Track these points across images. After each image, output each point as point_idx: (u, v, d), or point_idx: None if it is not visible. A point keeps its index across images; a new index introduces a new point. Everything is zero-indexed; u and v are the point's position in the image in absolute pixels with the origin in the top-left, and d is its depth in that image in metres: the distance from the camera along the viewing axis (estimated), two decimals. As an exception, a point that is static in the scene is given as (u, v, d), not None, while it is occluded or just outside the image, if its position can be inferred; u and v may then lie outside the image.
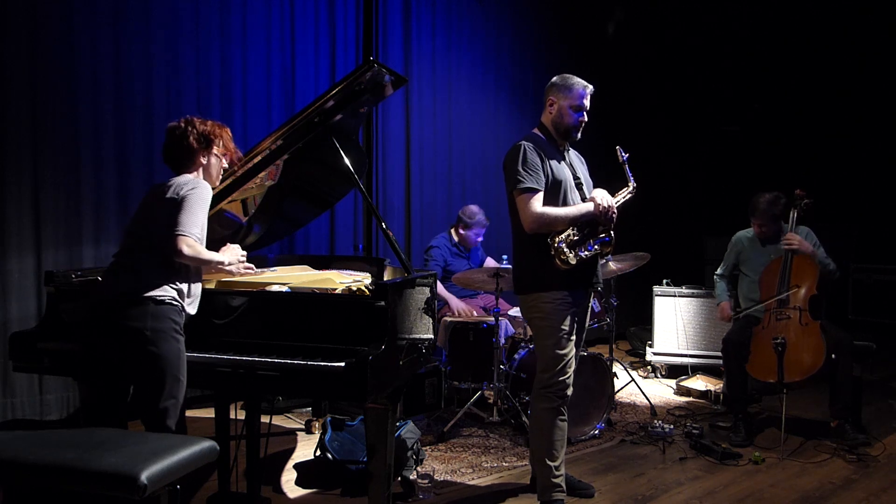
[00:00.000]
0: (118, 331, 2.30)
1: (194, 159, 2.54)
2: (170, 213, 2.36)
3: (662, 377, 5.64)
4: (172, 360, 2.31)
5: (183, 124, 2.54)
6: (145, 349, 2.27)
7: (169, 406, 2.30)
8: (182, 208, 2.35)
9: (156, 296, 2.31)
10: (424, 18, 5.73)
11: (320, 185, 3.35)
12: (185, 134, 2.52)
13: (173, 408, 2.31)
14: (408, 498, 3.12)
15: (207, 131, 2.55)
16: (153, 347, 2.28)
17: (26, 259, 3.93)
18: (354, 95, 2.91)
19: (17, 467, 1.89)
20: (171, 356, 2.31)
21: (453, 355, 4.36)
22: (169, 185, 2.45)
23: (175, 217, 2.34)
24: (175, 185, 2.44)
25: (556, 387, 2.93)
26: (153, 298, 2.31)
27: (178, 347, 2.33)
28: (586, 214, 2.89)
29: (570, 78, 3.00)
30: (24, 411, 3.91)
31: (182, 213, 2.34)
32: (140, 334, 2.27)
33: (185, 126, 2.53)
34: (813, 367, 3.71)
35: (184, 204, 2.36)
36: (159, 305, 2.31)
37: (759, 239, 4.25)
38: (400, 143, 5.61)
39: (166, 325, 2.31)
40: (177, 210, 2.35)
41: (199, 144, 2.53)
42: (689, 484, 3.38)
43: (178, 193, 2.39)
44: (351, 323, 2.45)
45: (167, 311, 2.32)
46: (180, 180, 2.47)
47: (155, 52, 4.34)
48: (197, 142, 2.52)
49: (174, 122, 2.57)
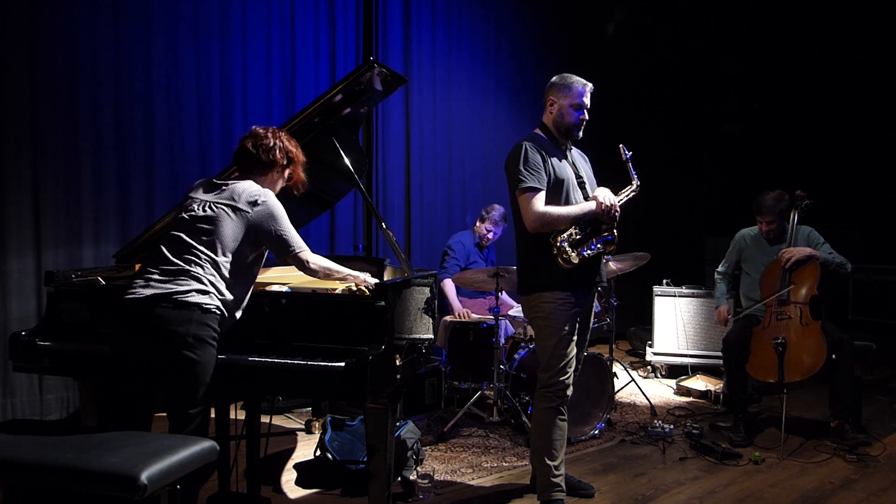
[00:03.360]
0: (159, 334, 2.25)
1: (269, 173, 2.54)
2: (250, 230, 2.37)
3: (662, 377, 5.64)
4: (207, 368, 2.29)
5: (270, 134, 2.52)
6: (184, 354, 2.24)
7: (201, 411, 2.29)
8: (279, 229, 2.40)
9: (202, 303, 2.28)
10: (424, 18, 5.73)
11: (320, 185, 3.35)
12: (273, 147, 2.51)
13: (204, 412, 2.31)
14: (408, 498, 3.12)
15: (293, 153, 2.57)
16: (192, 353, 2.25)
17: (26, 259, 3.93)
18: (354, 95, 2.91)
19: (17, 467, 1.89)
20: (207, 363, 2.29)
21: (453, 355, 4.36)
22: (233, 191, 2.42)
23: (279, 239, 2.41)
24: (244, 192, 2.41)
25: (557, 387, 2.93)
26: (200, 306, 2.28)
27: (213, 354, 2.32)
28: (589, 213, 2.89)
29: (569, 77, 3.00)
30: (24, 411, 3.91)
31: (284, 234, 2.41)
32: (182, 339, 2.24)
33: (272, 136, 2.52)
34: (813, 368, 3.71)
35: (277, 223, 2.40)
36: (205, 314, 2.29)
37: (765, 239, 4.25)
38: (400, 143, 5.61)
39: (206, 333, 2.29)
40: (269, 230, 2.39)
41: (284, 162, 2.55)
42: (689, 484, 3.38)
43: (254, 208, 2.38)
44: (351, 323, 2.44)
45: (210, 318, 2.30)
46: (249, 189, 2.43)
47: (155, 52, 4.34)
48: (283, 158, 2.54)
49: (260, 127, 2.56)
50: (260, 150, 2.50)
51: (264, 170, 2.53)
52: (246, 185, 2.45)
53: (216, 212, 2.39)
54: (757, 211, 4.21)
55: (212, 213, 2.39)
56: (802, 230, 4.12)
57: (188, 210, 2.44)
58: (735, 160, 7.77)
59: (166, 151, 4.42)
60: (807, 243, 4.06)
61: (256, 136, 2.52)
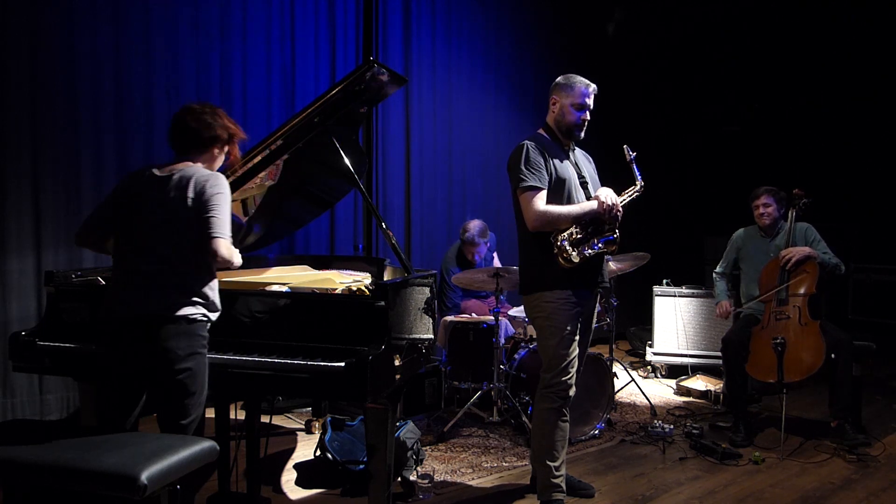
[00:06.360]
0: (148, 352, 2.21)
1: (209, 149, 2.40)
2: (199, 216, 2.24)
3: (662, 377, 5.64)
4: (199, 377, 2.27)
5: (209, 110, 2.38)
6: (175, 368, 2.21)
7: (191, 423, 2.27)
8: (212, 209, 2.23)
9: (188, 314, 2.23)
10: (424, 18, 5.73)
11: (320, 185, 3.36)
12: (212, 123, 2.37)
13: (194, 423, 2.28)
14: (408, 498, 3.12)
15: (233, 129, 2.44)
16: (183, 365, 2.22)
17: (26, 259, 3.93)
18: (354, 95, 2.91)
19: (17, 467, 1.89)
20: (199, 372, 2.27)
21: (453, 355, 4.36)
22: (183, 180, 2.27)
23: (207, 220, 2.23)
24: (194, 180, 2.26)
25: (559, 387, 2.92)
26: (186, 318, 2.23)
27: (203, 363, 2.29)
28: (590, 213, 2.89)
29: (573, 77, 3.00)
30: (24, 411, 3.90)
31: (214, 215, 2.23)
32: (173, 354, 2.20)
33: (211, 112, 2.38)
34: (812, 367, 3.71)
35: (213, 205, 2.24)
36: (192, 325, 2.24)
37: (760, 229, 4.26)
38: (400, 143, 5.61)
39: (196, 343, 2.25)
40: (207, 212, 2.23)
41: (221, 138, 2.39)
42: (689, 484, 3.38)
43: (202, 192, 2.25)
44: (351, 323, 2.45)
45: (197, 328, 2.26)
46: (197, 175, 2.29)
47: (155, 52, 4.34)
48: (224, 132, 2.40)
49: (195, 103, 2.42)
50: (202, 126, 2.36)
51: (205, 146, 2.39)
52: (194, 171, 2.31)
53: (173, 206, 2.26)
54: (752, 198, 4.23)
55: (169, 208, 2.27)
56: (800, 226, 4.13)
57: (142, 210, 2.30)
58: (735, 160, 7.77)
59: (166, 152, 4.38)
60: (804, 239, 4.07)
61: (193, 112, 2.38)
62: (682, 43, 7.53)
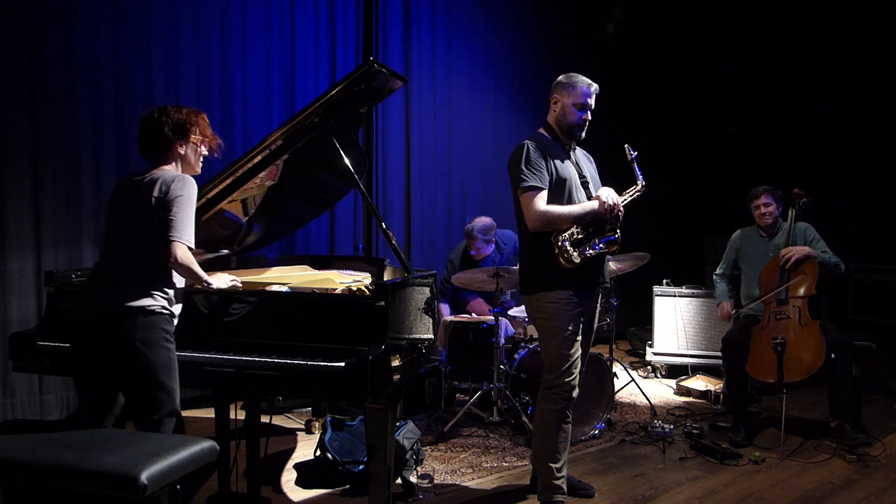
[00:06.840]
0: (111, 341, 2.29)
1: (171, 150, 2.43)
2: (160, 216, 2.29)
3: (662, 377, 5.64)
4: (163, 370, 2.28)
5: (157, 114, 2.42)
6: (136, 360, 2.25)
7: (164, 417, 2.28)
8: (173, 211, 2.28)
9: (146, 306, 2.28)
10: (424, 18, 5.73)
11: (320, 184, 3.36)
12: (159, 124, 2.40)
13: (168, 417, 2.29)
14: (408, 498, 3.12)
15: (182, 119, 2.44)
16: (144, 358, 2.26)
17: (26, 259, 3.93)
18: (354, 95, 2.91)
19: (17, 467, 1.89)
20: (162, 365, 2.28)
21: (453, 355, 4.36)
22: (151, 182, 2.34)
23: (168, 221, 2.27)
24: (160, 182, 2.33)
25: (562, 388, 2.91)
26: (143, 309, 2.27)
27: (168, 356, 2.30)
28: (591, 212, 2.89)
29: (574, 76, 3.00)
30: (24, 411, 3.91)
31: (175, 218, 2.27)
32: (131, 345, 2.25)
33: (158, 116, 2.42)
34: (812, 367, 3.71)
35: (175, 207, 2.28)
36: (149, 316, 2.28)
37: (759, 229, 4.26)
38: (400, 143, 5.61)
39: (157, 335, 2.28)
40: (167, 212, 2.28)
41: (175, 134, 2.42)
42: (689, 484, 3.38)
43: (167, 193, 2.30)
44: (351, 323, 2.44)
45: (157, 320, 2.29)
46: (164, 176, 2.35)
47: (155, 53, 4.34)
48: (172, 132, 2.41)
49: (148, 111, 2.47)
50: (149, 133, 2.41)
51: (165, 150, 2.43)
52: (164, 175, 2.37)
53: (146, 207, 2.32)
54: (751, 199, 4.23)
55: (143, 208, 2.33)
56: (800, 226, 4.13)
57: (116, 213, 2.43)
58: (735, 160, 7.77)
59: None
60: (804, 238, 4.07)
61: (143, 122, 2.44)
62: (682, 43, 7.53)
